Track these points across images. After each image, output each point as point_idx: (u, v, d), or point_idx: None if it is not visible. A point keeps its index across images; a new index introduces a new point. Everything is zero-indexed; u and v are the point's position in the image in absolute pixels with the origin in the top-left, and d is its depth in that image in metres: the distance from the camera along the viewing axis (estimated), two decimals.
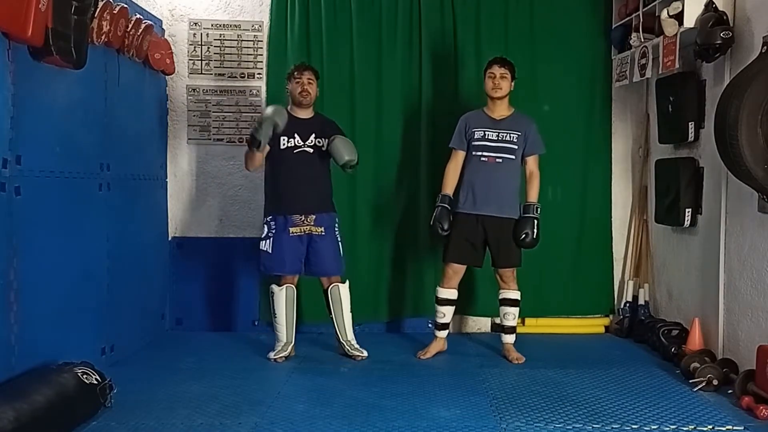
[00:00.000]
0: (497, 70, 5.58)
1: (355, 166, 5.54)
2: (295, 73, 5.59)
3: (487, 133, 5.58)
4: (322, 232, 5.53)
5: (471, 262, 5.68)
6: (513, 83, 5.65)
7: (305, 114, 5.60)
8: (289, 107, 5.60)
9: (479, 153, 5.57)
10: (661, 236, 6.27)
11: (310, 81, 5.58)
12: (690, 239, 5.75)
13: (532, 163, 5.64)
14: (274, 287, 5.58)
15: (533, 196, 5.60)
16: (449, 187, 5.65)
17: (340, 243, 5.67)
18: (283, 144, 5.49)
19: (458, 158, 5.67)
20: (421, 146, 6.44)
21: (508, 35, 6.57)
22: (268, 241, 5.54)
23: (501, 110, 5.64)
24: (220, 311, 6.62)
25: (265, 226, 5.60)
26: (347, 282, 5.71)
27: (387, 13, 6.52)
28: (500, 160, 5.55)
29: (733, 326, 5.07)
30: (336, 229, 5.65)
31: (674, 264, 6.05)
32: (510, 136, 5.56)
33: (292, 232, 5.49)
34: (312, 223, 5.50)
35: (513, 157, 5.57)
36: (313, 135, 5.54)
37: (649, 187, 6.42)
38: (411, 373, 5.28)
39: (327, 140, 5.51)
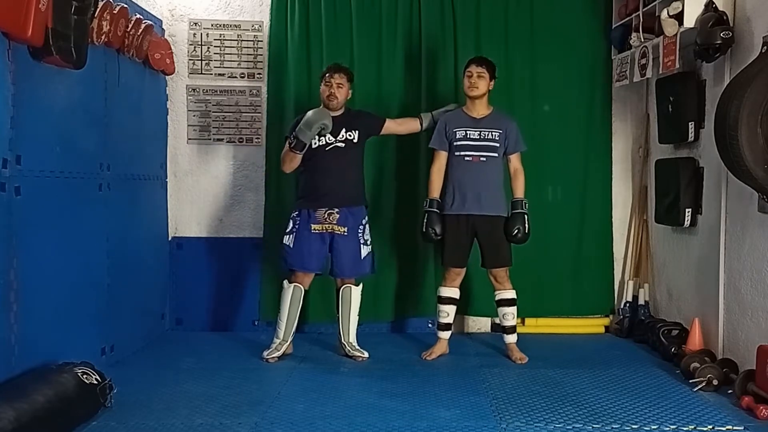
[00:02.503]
0: (474, 70, 5.60)
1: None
2: (326, 75, 5.61)
3: (468, 132, 5.59)
4: (344, 232, 5.54)
5: (466, 263, 5.69)
6: (492, 83, 5.66)
7: (335, 113, 5.58)
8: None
9: (463, 153, 5.58)
10: (661, 236, 6.27)
11: (340, 85, 5.58)
12: (690, 239, 5.75)
13: (515, 160, 5.68)
14: (285, 282, 5.59)
15: (520, 192, 5.64)
16: (435, 190, 5.65)
17: (365, 245, 5.64)
18: (315, 143, 5.50)
19: (441, 159, 5.67)
20: (420, 146, 6.42)
21: (508, 35, 6.57)
22: (291, 236, 5.57)
23: (480, 109, 5.65)
24: (220, 311, 6.62)
25: (291, 221, 5.62)
26: (361, 285, 5.73)
27: (387, 13, 6.53)
28: (484, 159, 5.56)
29: (733, 326, 5.07)
30: (361, 230, 5.62)
31: (674, 264, 6.04)
32: (492, 135, 5.58)
33: (314, 229, 5.51)
34: (335, 222, 5.51)
35: (496, 155, 5.60)
36: (344, 129, 5.57)
37: (649, 187, 6.42)
38: (411, 373, 5.28)
39: (357, 131, 5.59)
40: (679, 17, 5.17)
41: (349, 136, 5.59)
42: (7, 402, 3.53)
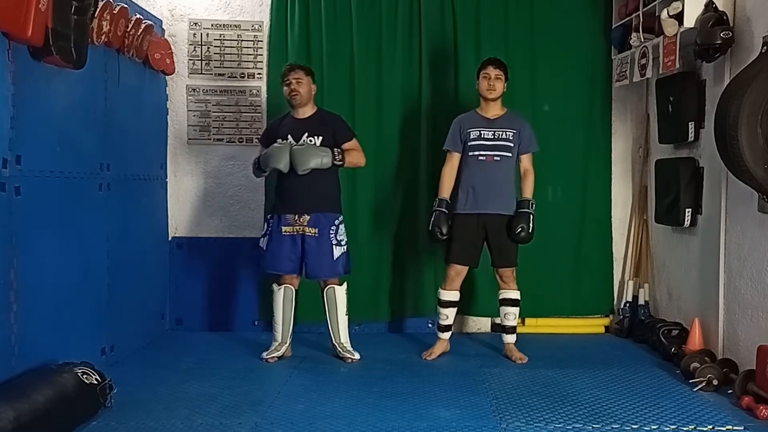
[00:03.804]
0: (492, 71, 5.60)
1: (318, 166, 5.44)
2: (283, 77, 5.60)
3: (482, 132, 5.59)
4: (315, 233, 5.48)
5: (472, 263, 5.68)
6: (506, 85, 5.67)
7: (303, 113, 5.60)
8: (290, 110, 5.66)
9: (477, 152, 5.58)
10: (661, 236, 6.27)
11: (299, 81, 5.54)
12: (690, 239, 5.75)
13: (526, 161, 5.68)
14: (275, 286, 5.60)
15: (528, 192, 5.64)
16: (446, 190, 5.65)
17: (338, 246, 5.55)
18: (278, 145, 5.49)
19: (454, 161, 5.67)
20: (420, 146, 6.44)
21: (508, 35, 6.57)
22: (264, 239, 5.59)
23: (494, 110, 5.66)
24: (220, 311, 6.62)
25: (265, 223, 5.65)
26: (345, 284, 5.69)
27: (387, 13, 6.53)
28: (498, 158, 5.56)
29: (733, 326, 5.07)
30: (333, 231, 5.55)
31: (674, 264, 6.05)
32: (506, 134, 5.59)
33: (285, 231, 5.49)
34: (305, 224, 5.48)
35: (510, 155, 5.60)
36: (306, 134, 5.50)
37: (649, 187, 6.42)
38: (411, 373, 5.28)
39: (321, 137, 5.51)
40: (679, 17, 5.17)
41: (310, 141, 5.50)
42: (6, 402, 3.52)
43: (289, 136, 5.50)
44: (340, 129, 5.64)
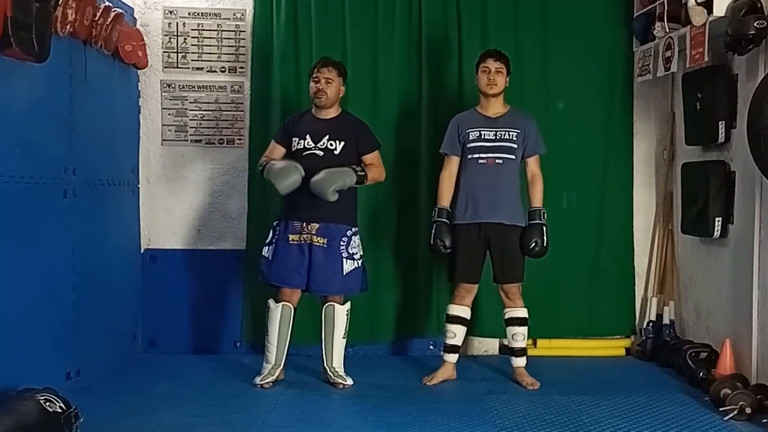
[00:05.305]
0: (492, 64, 5.61)
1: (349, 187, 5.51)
2: (314, 70, 5.63)
3: (483, 132, 5.60)
4: (323, 243, 5.50)
5: (479, 279, 5.69)
6: (508, 78, 5.68)
7: (326, 114, 5.64)
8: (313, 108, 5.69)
9: (477, 155, 5.60)
10: (688, 248, 6.29)
11: (329, 80, 5.59)
12: (720, 251, 5.77)
13: (533, 164, 5.69)
14: (271, 302, 5.58)
15: (538, 201, 5.65)
16: (445, 198, 5.67)
17: (349, 259, 5.56)
18: (294, 145, 5.54)
19: (452, 165, 5.69)
20: (420, 148, 6.43)
21: (518, 25, 6.59)
22: (270, 246, 5.61)
23: (496, 108, 5.68)
24: (198, 331, 6.62)
25: (271, 230, 5.66)
26: (348, 304, 5.68)
27: None
28: (500, 161, 5.58)
29: None
30: (344, 243, 5.55)
31: (703, 279, 6.06)
32: (509, 135, 5.60)
33: (291, 240, 5.51)
34: (313, 232, 5.50)
35: (513, 157, 5.61)
36: (326, 137, 5.54)
37: (675, 194, 6.43)
38: (410, 400, 5.28)
39: (343, 143, 5.54)
40: (708, 5, 5.19)
41: (330, 145, 5.54)
42: None
43: (308, 137, 5.54)
44: (365, 138, 5.69)
